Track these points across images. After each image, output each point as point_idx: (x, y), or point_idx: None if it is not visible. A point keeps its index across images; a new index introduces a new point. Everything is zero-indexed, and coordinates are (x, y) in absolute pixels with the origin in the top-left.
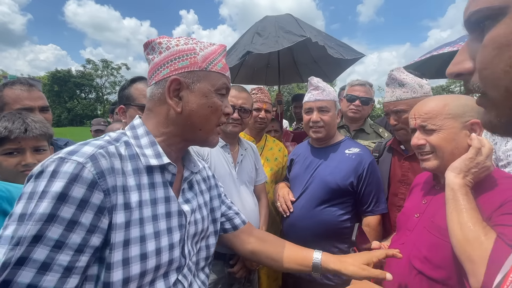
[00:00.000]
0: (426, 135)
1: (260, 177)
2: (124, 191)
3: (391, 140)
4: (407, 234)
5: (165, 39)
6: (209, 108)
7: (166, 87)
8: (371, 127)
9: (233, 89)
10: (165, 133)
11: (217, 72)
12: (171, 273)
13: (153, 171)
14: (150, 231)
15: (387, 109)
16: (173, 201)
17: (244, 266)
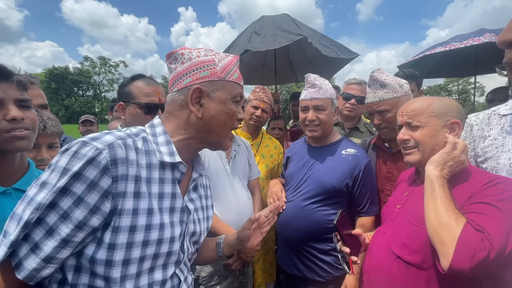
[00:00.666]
0: (411, 131)
1: (253, 172)
2: (136, 181)
3: (375, 138)
4: (389, 224)
5: (187, 50)
6: (226, 114)
7: (189, 94)
8: (365, 126)
9: None
10: (183, 135)
11: (234, 82)
12: (169, 266)
13: (165, 168)
14: (156, 222)
15: (370, 110)
16: (179, 198)
17: (239, 258)
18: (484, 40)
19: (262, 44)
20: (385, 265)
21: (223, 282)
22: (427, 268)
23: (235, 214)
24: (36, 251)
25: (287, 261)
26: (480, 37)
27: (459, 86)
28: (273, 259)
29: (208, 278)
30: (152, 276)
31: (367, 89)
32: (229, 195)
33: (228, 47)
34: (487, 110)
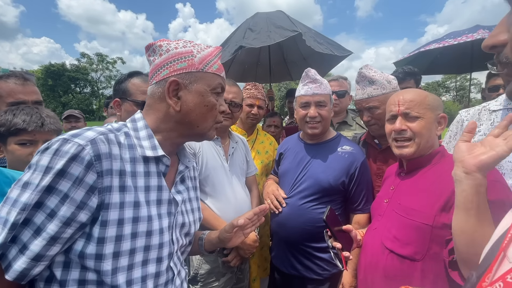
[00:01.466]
0: (408, 122)
1: (251, 169)
2: (121, 175)
3: (365, 135)
4: (378, 219)
5: (165, 42)
6: (205, 107)
7: (166, 87)
8: (353, 120)
9: (227, 84)
10: (163, 128)
11: (213, 73)
12: (163, 259)
13: (149, 161)
14: (143, 214)
15: (359, 106)
16: (165, 190)
17: (238, 255)
18: (478, 36)
19: (256, 41)
20: (380, 261)
21: (221, 279)
22: (420, 259)
23: (233, 211)
24: (24, 251)
25: (283, 260)
26: (474, 34)
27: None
28: (268, 254)
29: (206, 275)
30: (145, 269)
31: (356, 86)
32: (227, 192)
33: (222, 43)
34: (477, 106)
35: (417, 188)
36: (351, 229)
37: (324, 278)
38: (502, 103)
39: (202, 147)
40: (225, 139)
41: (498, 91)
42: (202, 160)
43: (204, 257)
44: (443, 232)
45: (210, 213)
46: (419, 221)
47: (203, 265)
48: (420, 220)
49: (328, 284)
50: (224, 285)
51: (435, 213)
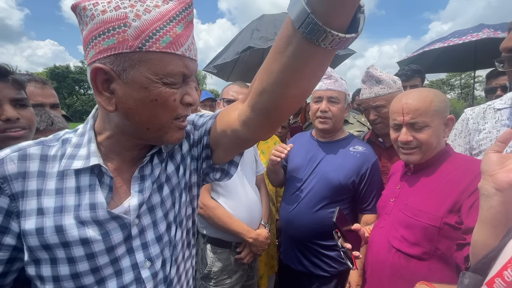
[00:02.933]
0: (415, 132)
1: (259, 168)
2: (39, 195)
3: (369, 133)
4: (385, 218)
5: (92, 1)
6: (152, 103)
7: (90, 78)
8: (354, 118)
9: (235, 85)
10: (108, 130)
11: (161, 52)
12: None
13: (80, 173)
14: (75, 238)
15: (366, 105)
16: (101, 208)
17: (251, 252)
18: (483, 36)
19: (263, 40)
20: (386, 259)
21: (233, 276)
22: (428, 258)
23: (246, 210)
24: None
25: (291, 257)
26: (479, 33)
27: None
28: (274, 252)
29: (219, 272)
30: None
31: (362, 85)
32: (239, 191)
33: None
34: (482, 104)
35: (424, 188)
36: (359, 228)
37: (331, 275)
38: (507, 102)
39: None
40: None
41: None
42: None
43: (217, 255)
44: (450, 233)
45: (223, 212)
46: (426, 223)
47: (216, 262)
48: (427, 221)
49: (335, 281)
50: (236, 282)
51: (442, 214)
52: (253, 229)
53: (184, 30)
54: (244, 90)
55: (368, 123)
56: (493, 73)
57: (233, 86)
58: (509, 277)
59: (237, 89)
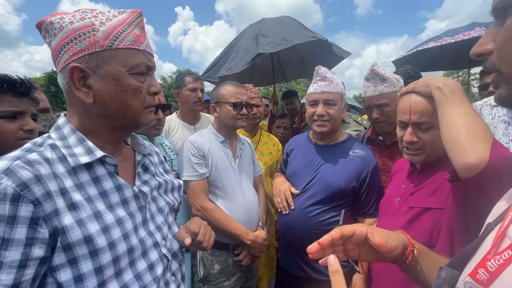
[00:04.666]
0: (420, 132)
1: (257, 169)
2: (63, 193)
3: (369, 132)
4: (391, 218)
5: (57, 16)
6: (124, 93)
7: (68, 77)
8: (350, 117)
9: (233, 86)
10: (90, 127)
11: (128, 48)
12: (149, 251)
13: (93, 166)
14: (111, 221)
15: (369, 103)
16: (126, 187)
17: (249, 254)
18: (474, 34)
19: (272, 45)
20: None
21: (232, 278)
22: (435, 244)
23: (244, 212)
24: None
25: (291, 262)
26: (471, 32)
27: (459, 78)
28: (274, 254)
29: (217, 275)
30: (135, 268)
31: (365, 83)
32: (237, 193)
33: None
34: (479, 101)
35: (431, 186)
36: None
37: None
38: None
39: (211, 149)
40: (232, 141)
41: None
42: (212, 162)
43: (215, 258)
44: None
45: (221, 214)
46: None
47: (214, 265)
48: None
49: None
50: (234, 284)
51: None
52: (251, 231)
53: (141, 32)
54: (243, 91)
55: (364, 122)
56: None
57: (230, 87)
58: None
59: (238, 91)
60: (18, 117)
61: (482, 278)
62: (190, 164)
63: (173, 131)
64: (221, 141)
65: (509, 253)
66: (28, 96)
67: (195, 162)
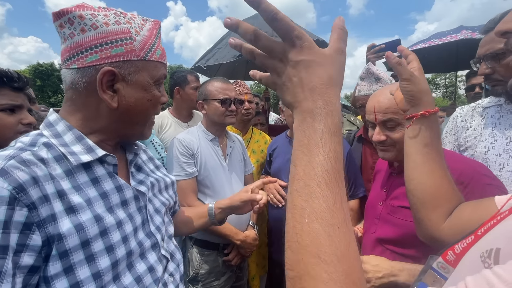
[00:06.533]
0: (388, 131)
1: (248, 168)
2: (61, 196)
3: (361, 130)
4: (376, 223)
5: (88, 11)
6: (148, 102)
7: (98, 79)
8: (343, 117)
9: (221, 82)
10: (96, 129)
11: (157, 61)
12: (148, 253)
13: (92, 166)
14: (111, 223)
15: (363, 102)
16: (126, 188)
17: (238, 254)
18: (461, 37)
19: None
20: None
21: (221, 278)
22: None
23: None
24: None
25: (282, 254)
26: (458, 34)
27: (446, 80)
28: (266, 252)
29: (206, 275)
30: (134, 271)
31: (359, 82)
32: (227, 192)
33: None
34: (473, 103)
35: None
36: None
37: None
38: (494, 100)
39: (200, 148)
40: (222, 139)
41: (474, 90)
42: (201, 160)
43: (204, 257)
44: None
45: None
46: None
47: (203, 265)
48: None
49: None
50: (224, 284)
51: None
52: (241, 231)
53: (161, 44)
54: (231, 87)
55: (357, 122)
56: (471, 72)
57: (217, 83)
58: (458, 250)
59: (226, 87)
60: (16, 111)
61: (450, 259)
62: (179, 163)
63: (166, 128)
64: (210, 139)
65: (471, 237)
66: (24, 91)
67: (183, 161)
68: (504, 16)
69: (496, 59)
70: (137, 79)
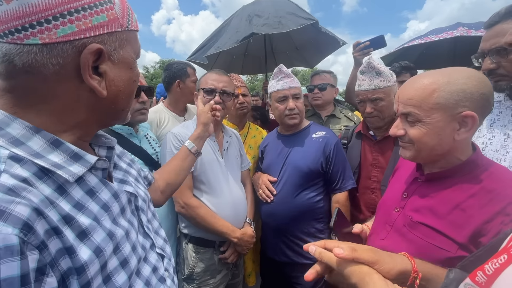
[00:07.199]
0: (407, 125)
1: (244, 163)
2: (68, 222)
3: (360, 126)
4: (387, 229)
5: None
6: (134, 83)
7: (84, 60)
8: (341, 112)
9: (214, 73)
10: (72, 125)
11: (136, 30)
12: (148, 254)
13: (82, 176)
14: (121, 236)
15: (363, 97)
16: (121, 193)
17: (235, 251)
18: (457, 34)
19: (267, 27)
20: None
21: (217, 276)
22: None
23: (230, 208)
24: None
25: (274, 249)
26: (454, 31)
27: None
28: (260, 247)
29: (202, 273)
30: (143, 276)
31: (360, 76)
32: (223, 188)
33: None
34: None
35: (437, 204)
36: (360, 230)
37: (314, 262)
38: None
39: None
40: (218, 133)
41: None
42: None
43: (200, 255)
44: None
45: (206, 211)
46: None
47: (199, 263)
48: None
49: None
50: (220, 282)
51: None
52: (238, 228)
53: None
54: (224, 78)
55: (355, 118)
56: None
57: (211, 74)
58: (489, 270)
59: (217, 78)
60: None
61: (480, 281)
62: None
63: (164, 123)
64: None
65: (504, 257)
66: None
67: None
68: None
69: (502, 53)
70: (123, 56)
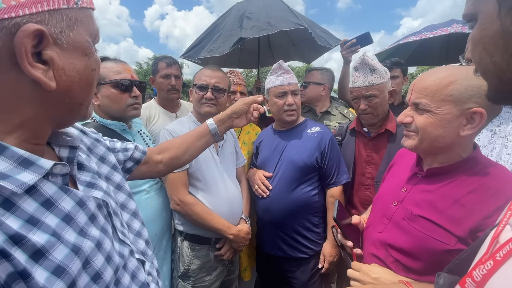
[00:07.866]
0: (416, 114)
1: (239, 160)
2: (17, 242)
3: (354, 123)
4: (385, 222)
5: None
6: (93, 72)
7: (19, 45)
8: (336, 109)
9: (208, 69)
10: (16, 125)
11: (89, 8)
12: (128, 261)
13: (36, 185)
14: (91, 248)
15: (357, 94)
16: (88, 199)
17: (231, 248)
18: (451, 30)
19: (256, 29)
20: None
21: (213, 273)
22: (428, 274)
23: (226, 205)
24: None
25: (270, 244)
26: (448, 28)
27: None
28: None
29: (197, 270)
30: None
31: (354, 73)
32: (219, 185)
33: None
34: None
35: (436, 198)
36: (359, 221)
37: (309, 256)
38: None
39: None
40: None
41: None
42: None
43: (196, 252)
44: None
45: (202, 208)
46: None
47: (194, 260)
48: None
49: (314, 262)
50: (216, 279)
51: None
52: (233, 225)
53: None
54: (217, 74)
55: (350, 115)
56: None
57: (205, 70)
58: (477, 277)
59: (210, 73)
60: None
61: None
62: None
63: (154, 119)
64: None
65: (491, 263)
66: None
67: None
68: None
69: None
70: (74, 40)
